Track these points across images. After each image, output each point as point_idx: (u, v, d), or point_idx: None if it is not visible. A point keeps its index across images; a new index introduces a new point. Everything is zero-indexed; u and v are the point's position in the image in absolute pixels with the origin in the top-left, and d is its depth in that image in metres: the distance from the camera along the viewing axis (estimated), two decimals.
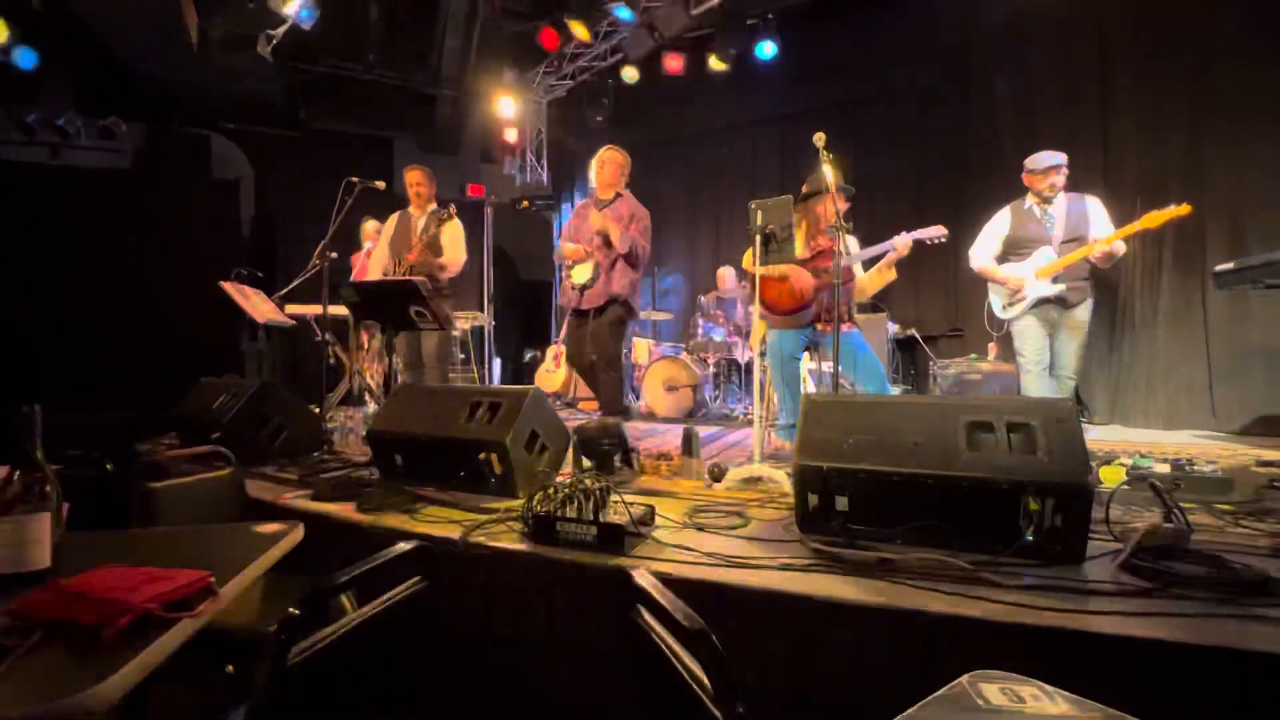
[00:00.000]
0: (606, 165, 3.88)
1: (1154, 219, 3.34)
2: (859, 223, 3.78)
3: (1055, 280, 3.55)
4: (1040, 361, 3.65)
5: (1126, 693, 1.20)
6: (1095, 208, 3.57)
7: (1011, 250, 3.71)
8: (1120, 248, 3.44)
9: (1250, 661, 1.16)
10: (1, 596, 0.91)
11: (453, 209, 3.98)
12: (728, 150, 7.57)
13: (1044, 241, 3.60)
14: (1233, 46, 4.41)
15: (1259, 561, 1.56)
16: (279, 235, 7.22)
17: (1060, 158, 3.57)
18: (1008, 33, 5.58)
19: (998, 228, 3.75)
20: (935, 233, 3.26)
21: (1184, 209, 3.30)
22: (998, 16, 5.65)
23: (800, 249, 3.25)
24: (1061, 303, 3.57)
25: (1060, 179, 3.57)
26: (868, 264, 3.42)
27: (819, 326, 3.40)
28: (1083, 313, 3.59)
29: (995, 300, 3.82)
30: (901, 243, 3.20)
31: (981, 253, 3.79)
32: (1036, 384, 3.67)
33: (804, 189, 3.46)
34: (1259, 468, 3.03)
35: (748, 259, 3.51)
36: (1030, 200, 3.67)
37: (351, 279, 5.09)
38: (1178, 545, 1.60)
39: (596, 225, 3.76)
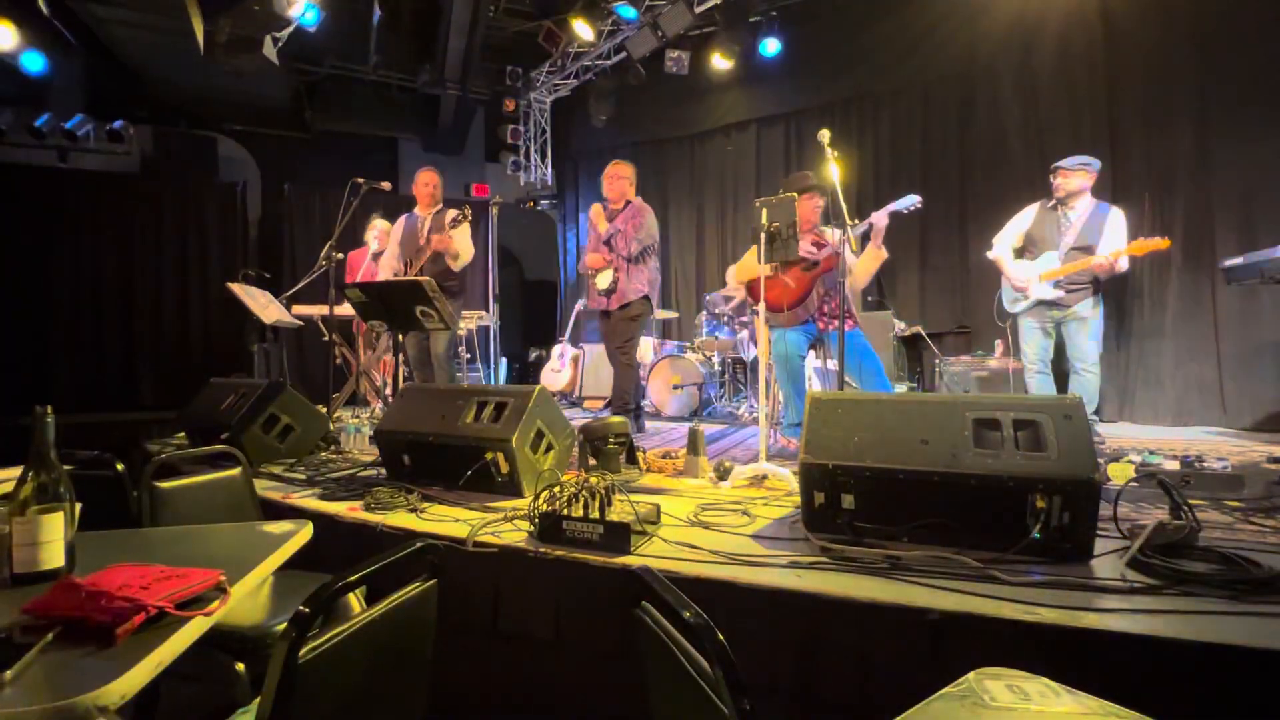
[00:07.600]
0: (613, 180, 4.22)
1: (1138, 248, 3.45)
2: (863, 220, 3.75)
3: (1056, 285, 3.61)
4: (1041, 359, 3.74)
5: (1134, 690, 1.19)
6: (1114, 221, 3.55)
7: (1027, 247, 3.78)
8: (1122, 265, 3.49)
9: (1259, 659, 1.15)
10: (16, 595, 0.92)
11: (468, 210, 3.99)
12: (732, 148, 7.55)
13: (1051, 246, 3.64)
14: (1239, 36, 4.36)
15: (1269, 559, 1.55)
16: (286, 236, 7.26)
17: (1068, 161, 3.61)
18: (1012, 27, 5.54)
19: (1021, 222, 3.81)
20: (908, 202, 3.26)
21: (1163, 243, 3.45)
22: (1002, 10, 5.61)
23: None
24: (1060, 304, 3.63)
25: (1064, 182, 3.61)
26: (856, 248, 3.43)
27: (820, 325, 3.39)
28: (1083, 308, 3.60)
29: (1006, 292, 3.87)
30: (877, 220, 3.23)
31: (1000, 243, 3.84)
32: (1037, 381, 3.74)
33: (781, 190, 3.43)
34: (1270, 464, 3.01)
35: (736, 272, 3.55)
36: (1055, 200, 3.71)
37: (354, 279, 5.11)
38: (1186, 542, 1.59)
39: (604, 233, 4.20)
